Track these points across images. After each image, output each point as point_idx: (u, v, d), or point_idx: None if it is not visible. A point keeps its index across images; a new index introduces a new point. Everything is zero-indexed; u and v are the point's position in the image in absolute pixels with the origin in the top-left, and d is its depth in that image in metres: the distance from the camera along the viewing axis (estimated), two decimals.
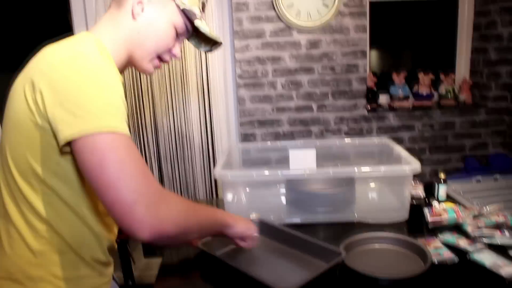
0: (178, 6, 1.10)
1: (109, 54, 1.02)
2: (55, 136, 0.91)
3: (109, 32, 1.07)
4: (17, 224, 0.99)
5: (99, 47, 0.99)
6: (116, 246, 1.19)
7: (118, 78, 0.95)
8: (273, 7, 2.72)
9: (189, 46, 2.82)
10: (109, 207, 0.87)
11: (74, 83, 0.88)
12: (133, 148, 0.91)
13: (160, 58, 1.15)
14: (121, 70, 1.13)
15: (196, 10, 1.12)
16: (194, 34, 1.23)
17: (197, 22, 1.12)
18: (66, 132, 0.87)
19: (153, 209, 0.87)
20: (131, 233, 0.87)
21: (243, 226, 1.27)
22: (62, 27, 2.98)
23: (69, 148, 0.91)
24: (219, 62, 2.86)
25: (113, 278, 1.24)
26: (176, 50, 1.16)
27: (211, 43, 1.28)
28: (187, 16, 1.11)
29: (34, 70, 0.93)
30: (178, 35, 1.14)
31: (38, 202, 0.98)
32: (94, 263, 1.08)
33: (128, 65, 1.15)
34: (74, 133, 0.86)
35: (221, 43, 1.26)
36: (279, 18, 2.73)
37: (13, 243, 1.00)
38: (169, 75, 2.84)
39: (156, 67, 1.16)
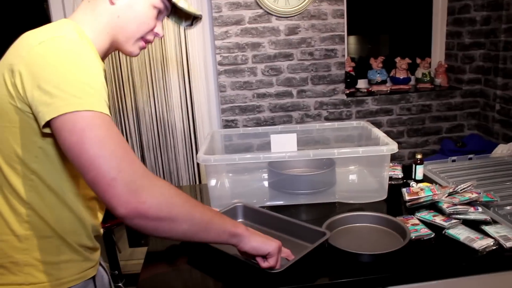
0: None
1: (89, 40, 1.03)
2: (35, 118, 0.92)
3: (88, 19, 1.07)
4: (1, 209, 1.00)
5: (79, 32, 1.00)
6: (101, 232, 1.20)
7: (97, 62, 0.96)
8: None
9: (169, 33, 2.82)
10: (91, 184, 0.87)
11: (52, 64, 0.89)
12: (113, 127, 0.91)
13: (144, 39, 1.15)
14: (104, 57, 1.14)
15: None
16: (173, 10, 1.22)
17: (179, 2, 1.12)
18: (45, 113, 0.88)
19: (132, 186, 0.87)
20: (110, 209, 0.88)
21: (259, 241, 1.11)
22: (39, 17, 2.95)
23: (50, 130, 0.91)
24: (199, 49, 2.87)
25: (102, 266, 1.24)
26: (159, 29, 1.16)
27: (191, 18, 1.28)
28: None
29: (13, 55, 0.94)
30: (158, 14, 1.14)
31: (21, 187, 0.99)
32: (79, 248, 1.09)
33: (111, 50, 1.16)
34: (53, 113, 0.87)
35: (201, 16, 1.26)
36: (258, 4, 2.75)
37: None
38: (149, 63, 2.84)
39: (142, 48, 1.16)
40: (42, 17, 2.89)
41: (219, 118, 2.96)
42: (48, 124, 0.89)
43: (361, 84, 3.25)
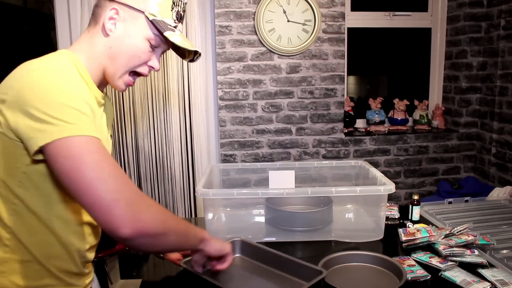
0: (148, 18, 1.07)
1: (85, 70, 1.06)
2: (24, 145, 0.93)
3: (85, 49, 1.09)
4: None
5: (74, 61, 1.03)
6: (90, 257, 1.18)
7: (85, 89, 1.00)
8: (255, 31, 2.81)
9: (172, 66, 2.86)
10: (89, 208, 0.88)
11: (40, 91, 0.90)
12: (105, 151, 0.93)
13: (136, 72, 1.13)
14: (101, 86, 1.15)
15: (169, 21, 1.10)
16: (173, 45, 1.17)
17: (168, 33, 1.07)
18: (38, 139, 0.88)
19: (134, 207, 0.89)
20: (112, 231, 0.88)
21: (219, 244, 1.24)
22: (46, 47, 3.00)
23: (41, 156, 0.92)
24: (201, 84, 2.91)
25: None
26: (154, 62, 1.14)
27: (192, 53, 1.25)
28: (157, 28, 1.08)
29: (5, 84, 0.95)
30: (153, 48, 1.12)
31: (4, 210, 0.99)
32: (60, 274, 1.07)
33: (106, 82, 1.15)
34: (46, 139, 0.88)
35: (198, 52, 1.22)
36: (261, 42, 2.81)
37: None
38: (151, 95, 2.88)
39: (128, 85, 1.14)
40: (49, 46, 2.94)
41: (218, 152, 2.98)
42: (40, 150, 0.90)
43: (360, 123, 3.29)
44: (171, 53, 2.87)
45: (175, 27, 1.12)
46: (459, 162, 3.19)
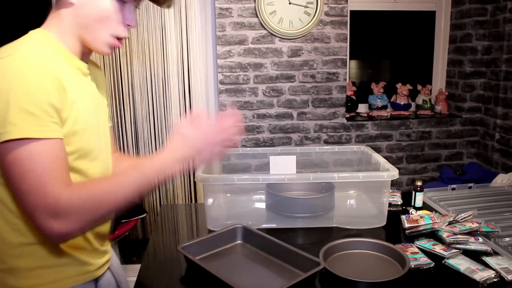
0: None
1: (59, 45, 1.04)
2: None
3: (55, 24, 1.05)
4: None
5: (46, 39, 1.02)
6: (103, 230, 1.20)
7: (46, 78, 0.94)
8: (256, 14, 2.75)
9: (172, 50, 2.82)
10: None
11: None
12: (41, 155, 0.92)
13: (115, 35, 1.07)
14: (83, 57, 1.11)
15: None
16: None
17: None
18: None
19: (50, 221, 0.92)
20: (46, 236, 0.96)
21: (181, 153, 1.06)
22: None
23: None
24: (201, 67, 2.87)
25: (112, 273, 1.27)
26: (128, 20, 1.07)
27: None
28: None
29: None
30: (123, 4, 1.05)
31: (8, 198, 1.01)
32: (72, 252, 1.09)
33: (88, 50, 1.11)
34: None
35: None
36: (262, 25, 2.76)
37: None
38: (150, 79, 2.84)
39: (113, 46, 1.09)
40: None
41: None
42: None
43: (362, 108, 3.25)
44: (170, 37, 2.82)
45: None
46: (462, 148, 3.16)
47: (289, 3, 2.75)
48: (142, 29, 2.82)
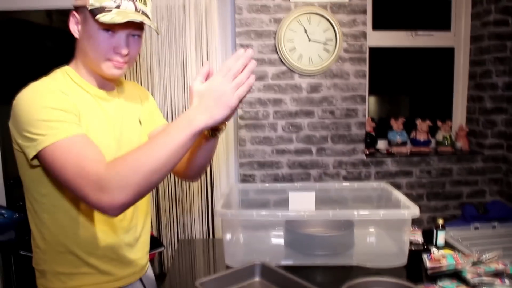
0: (87, 9, 1.14)
1: (77, 76, 1.23)
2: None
3: (74, 58, 1.25)
4: (32, 228, 1.26)
5: (65, 74, 1.22)
6: (127, 241, 1.32)
7: (60, 97, 1.12)
8: (276, 50, 2.79)
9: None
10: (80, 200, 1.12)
11: (21, 112, 1.09)
12: (72, 148, 1.05)
13: (110, 60, 1.19)
14: (104, 84, 1.28)
15: (108, 3, 1.13)
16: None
17: (100, 16, 1.11)
18: (28, 153, 1.10)
19: (99, 195, 1.01)
20: (104, 214, 1.06)
21: (210, 106, 1.03)
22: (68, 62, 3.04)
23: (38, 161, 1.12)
24: None
25: (143, 284, 1.43)
26: (117, 48, 1.18)
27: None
28: (93, 14, 1.13)
29: None
30: (112, 33, 1.16)
31: (38, 210, 1.22)
32: (95, 262, 1.24)
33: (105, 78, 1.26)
34: (33, 152, 1.08)
35: (139, 21, 1.16)
36: (282, 61, 2.80)
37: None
38: (171, 110, 2.88)
39: (116, 67, 1.20)
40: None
41: (237, 172, 2.95)
42: (32, 159, 1.10)
43: (381, 144, 3.23)
44: (191, 72, 2.87)
45: (117, 6, 1.13)
46: (484, 185, 3.10)
47: (309, 40, 2.79)
48: (164, 64, 2.88)
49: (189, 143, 1.03)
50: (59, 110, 1.09)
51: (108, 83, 1.29)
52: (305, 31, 2.79)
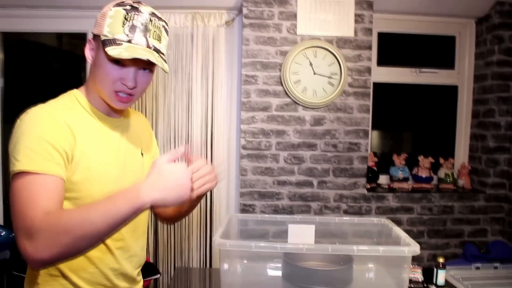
0: (100, 39, 1.15)
1: (86, 102, 1.23)
2: None
3: (86, 83, 1.25)
4: None
5: (76, 98, 1.23)
6: (127, 270, 1.28)
7: (51, 126, 1.10)
8: (281, 82, 2.82)
9: (197, 113, 2.89)
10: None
11: (15, 135, 1.09)
12: (33, 185, 1.03)
13: (115, 92, 1.19)
14: (111, 111, 1.27)
15: (120, 36, 1.13)
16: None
17: (109, 48, 1.11)
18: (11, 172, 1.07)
19: (24, 241, 1.00)
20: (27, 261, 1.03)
21: (163, 188, 1.08)
22: (77, 85, 3.08)
23: None
24: (225, 132, 2.92)
25: None
26: (124, 80, 1.17)
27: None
28: (104, 45, 1.13)
29: None
30: (121, 65, 1.16)
31: None
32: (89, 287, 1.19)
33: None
34: (11, 172, 1.06)
35: (148, 59, 1.14)
36: (286, 93, 2.82)
37: None
38: (174, 142, 2.89)
39: (121, 101, 1.20)
40: (78, 85, 3.03)
41: (237, 202, 2.94)
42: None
43: (383, 179, 3.22)
44: (196, 101, 2.90)
45: (129, 41, 1.14)
46: (486, 224, 3.07)
47: (314, 74, 2.83)
48: (169, 92, 2.91)
49: (131, 216, 1.06)
50: (48, 143, 1.07)
51: (115, 111, 1.29)
52: (311, 64, 2.82)
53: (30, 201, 1.02)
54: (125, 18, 1.14)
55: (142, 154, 1.39)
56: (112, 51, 1.10)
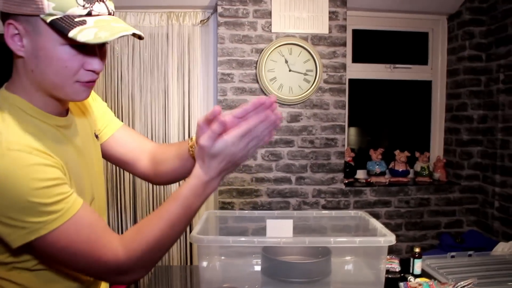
0: (45, 22, 0.84)
1: (29, 106, 0.93)
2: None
3: (16, 81, 0.94)
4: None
5: (16, 108, 0.91)
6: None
7: (39, 165, 0.84)
8: (256, 80, 2.83)
9: (174, 115, 2.88)
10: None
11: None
12: (76, 234, 0.88)
13: (79, 82, 0.93)
14: (62, 105, 1.00)
15: (74, 10, 0.85)
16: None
17: (74, 32, 0.84)
18: (11, 242, 0.84)
19: (121, 278, 0.96)
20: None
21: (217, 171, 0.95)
22: None
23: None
24: None
25: None
26: (91, 65, 0.92)
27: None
28: (58, 29, 0.85)
29: None
30: (80, 49, 0.90)
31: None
32: None
33: (65, 100, 0.99)
34: (19, 242, 0.84)
35: (137, 33, 0.93)
36: (262, 90, 2.84)
37: None
38: (151, 138, 2.87)
39: (86, 91, 0.96)
40: None
41: (216, 200, 2.94)
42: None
43: (360, 174, 3.26)
44: (173, 100, 2.89)
45: (89, 13, 0.86)
46: (461, 215, 3.14)
47: (289, 71, 2.85)
48: (145, 91, 2.90)
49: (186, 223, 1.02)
50: (50, 186, 0.85)
51: (63, 107, 1.02)
52: (286, 61, 2.84)
53: (94, 247, 0.90)
54: None
55: (96, 136, 1.20)
56: (82, 36, 0.83)
